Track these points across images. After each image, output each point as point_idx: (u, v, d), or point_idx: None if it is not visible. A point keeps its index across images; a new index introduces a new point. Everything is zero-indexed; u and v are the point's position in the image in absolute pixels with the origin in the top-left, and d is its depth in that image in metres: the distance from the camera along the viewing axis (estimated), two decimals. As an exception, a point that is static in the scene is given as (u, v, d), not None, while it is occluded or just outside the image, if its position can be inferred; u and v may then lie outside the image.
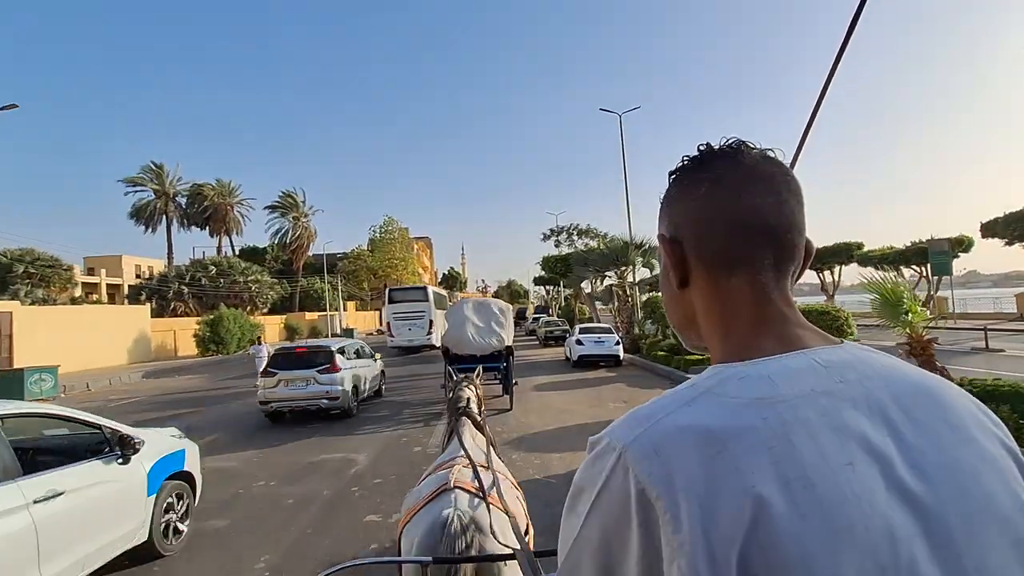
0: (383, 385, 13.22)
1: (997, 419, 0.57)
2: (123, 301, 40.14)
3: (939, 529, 0.46)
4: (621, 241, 20.27)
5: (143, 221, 47.41)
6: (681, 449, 0.48)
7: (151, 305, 34.16)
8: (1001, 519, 0.48)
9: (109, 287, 46.28)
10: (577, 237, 35.69)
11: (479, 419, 2.89)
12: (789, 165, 0.65)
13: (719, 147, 0.65)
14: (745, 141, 0.65)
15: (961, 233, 27.23)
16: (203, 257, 44.50)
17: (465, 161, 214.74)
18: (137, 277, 44.32)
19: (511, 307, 12.64)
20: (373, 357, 12.84)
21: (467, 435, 2.60)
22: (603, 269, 20.57)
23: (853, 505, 0.45)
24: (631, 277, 20.73)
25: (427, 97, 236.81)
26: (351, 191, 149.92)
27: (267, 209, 54.70)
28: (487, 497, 1.96)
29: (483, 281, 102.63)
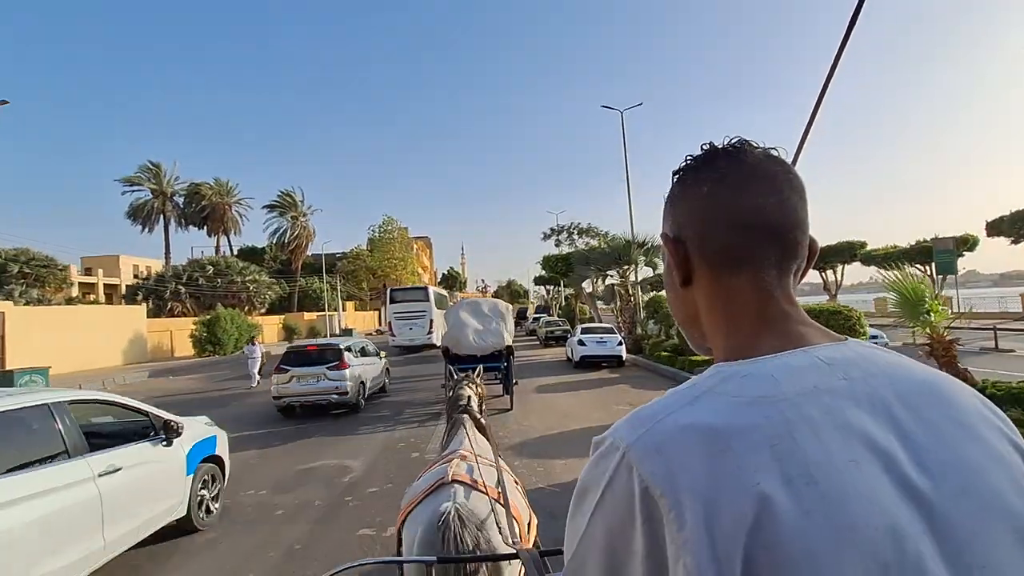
0: (388, 382, 13.54)
1: (1004, 416, 0.56)
2: (120, 301, 39.84)
3: (945, 526, 0.46)
4: (623, 239, 19.89)
5: (140, 221, 47.18)
6: (684, 448, 0.48)
7: (147, 305, 33.88)
8: (1008, 516, 0.48)
9: (106, 287, 45.99)
10: (578, 236, 35.47)
11: (479, 417, 2.84)
12: (791, 163, 0.65)
13: (722, 146, 0.65)
14: (748, 140, 0.65)
15: (966, 232, 27.04)
16: (201, 257, 44.20)
17: (465, 161, 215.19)
18: (135, 277, 43.90)
19: (511, 307, 12.80)
20: (378, 355, 13.13)
21: (468, 433, 2.59)
22: (605, 268, 20.22)
23: (857, 503, 0.45)
24: (633, 276, 20.42)
25: (427, 97, 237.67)
26: (351, 191, 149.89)
27: (265, 209, 54.38)
28: (487, 491, 1.93)
29: (483, 281, 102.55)
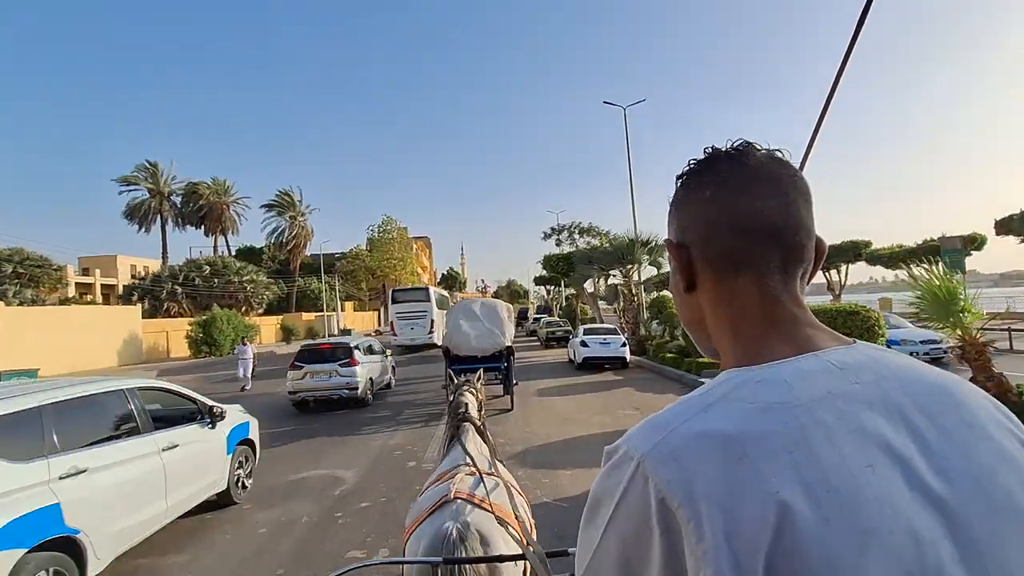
0: (393, 379, 14.14)
1: (1014, 417, 0.56)
2: (118, 302, 39.40)
3: (963, 530, 0.46)
4: (626, 238, 19.46)
5: (137, 220, 46.76)
6: (700, 456, 0.47)
7: (143, 306, 33.46)
8: (1021, 516, 0.47)
9: (104, 287, 45.56)
10: (578, 235, 35.04)
11: (480, 425, 2.80)
12: (798, 165, 0.63)
13: (724, 150, 0.64)
14: (751, 143, 0.64)
15: (974, 231, 26.60)
16: (198, 257, 43.75)
17: (465, 161, 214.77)
18: (133, 277, 43.48)
19: (511, 307, 12.68)
20: (384, 354, 13.75)
21: (469, 442, 2.54)
22: (608, 267, 19.79)
23: (876, 508, 0.44)
24: (637, 276, 19.99)
25: (427, 97, 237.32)
26: (351, 191, 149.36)
27: (263, 208, 53.95)
28: (492, 508, 1.90)
29: (483, 281, 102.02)
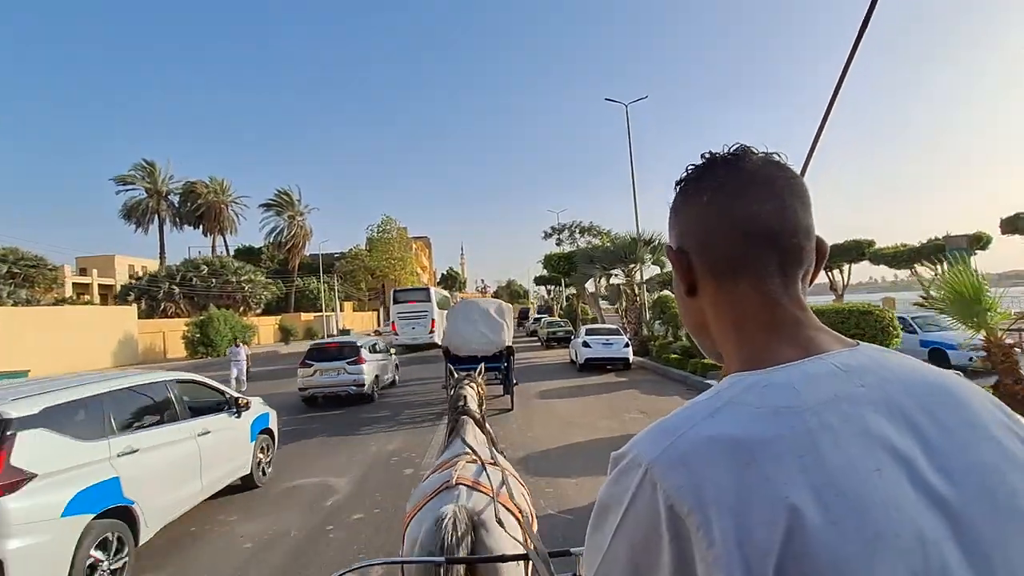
0: (397, 377, 14.66)
1: (1017, 416, 0.56)
2: (114, 302, 39.05)
3: (968, 531, 0.46)
4: (629, 237, 19.13)
5: (135, 220, 46.46)
6: (709, 461, 0.47)
7: (140, 306, 33.13)
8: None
9: (101, 287, 45.19)
10: (579, 235, 34.79)
11: (479, 418, 2.80)
12: (801, 169, 0.62)
13: (721, 154, 0.64)
14: (748, 147, 0.64)
15: (978, 230, 26.29)
16: (196, 257, 43.41)
17: (465, 161, 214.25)
18: (131, 277, 43.12)
19: (511, 307, 12.59)
20: (388, 352, 14.34)
21: (469, 433, 2.55)
22: (610, 266, 19.43)
23: (883, 511, 0.45)
24: (639, 275, 19.66)
25: (427, 97, 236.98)
26: (351, 191, 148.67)
27: (262, 207, 53.58)
28: (495, 495, 1.88)
29: (482, 281, 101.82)
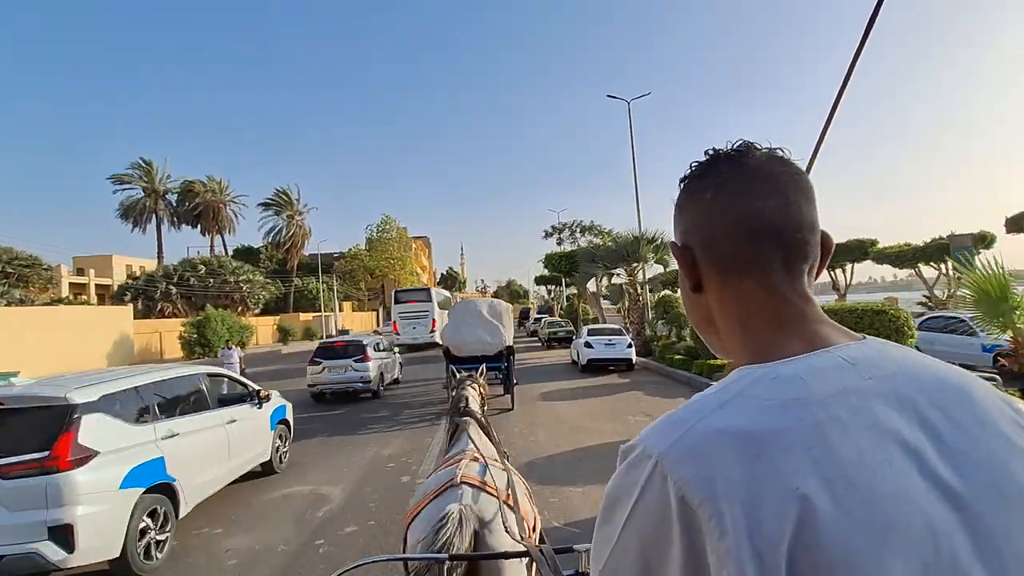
0: (400, 376, 15.33)
1: (1021, 409, 0.56)
2: (111, 302, 38.72)
3: (978, 523, 0.46)
4: (631, 235, 18.82)
5: (132, 220, 46.06)
6: (719, 453, 0.48)
7: (137, 306, 32.79)
8: None
9: (99, 288, 44.85)
10: (580, 234, 34.49)
11: (482, 418, 2.79)
12: (806, 166, 0.62)
13: (725, 151, 0.65)
14: (752, 143, 0.64)
15: (982, 229, 26.05)
16: (194, 256, 43.07)
17: (465, 161, 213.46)
18: (128, 277, 42.80)
19: (511, 307, 12.54)
20: (392, 351, 14.98)
21: (472, 433, 2.55)
22: (613, 265, 19.13)
23: (894, 503, 0.45)
24: (642, 274, 19.35)
25: (427, 97, 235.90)
26: (350, 191, 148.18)
27: (260, 206, 53.21)
28: (498, 494, 1.87)
29: (482, 281, 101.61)
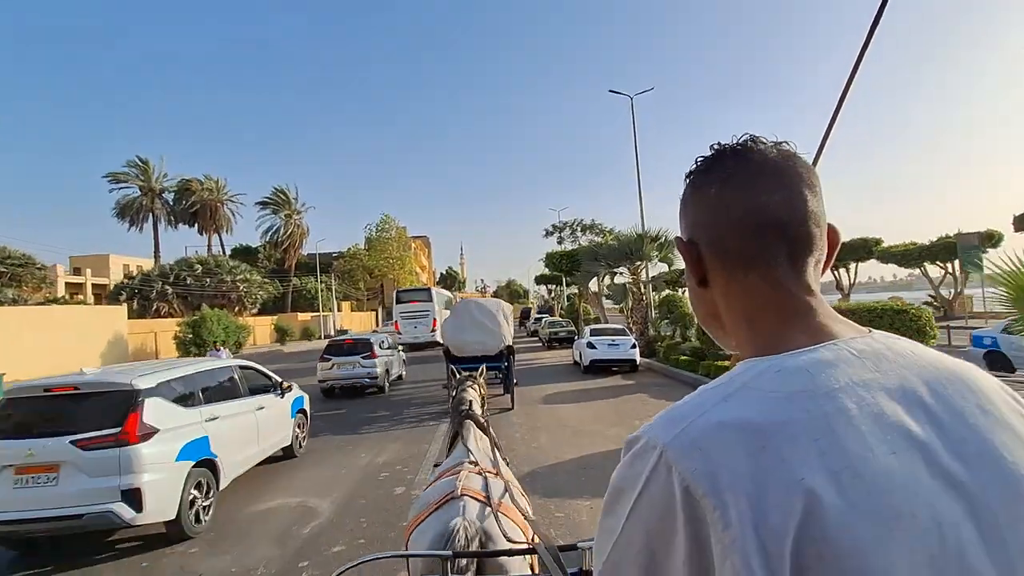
0: (404, 373, 15.80)
1: None
2: (107, 302, 38.30)
3: (984, 514, 0.46)
4: (634, 233, 18.39)
5: (128, 219, 45.64)
6: (724, 445, 0.48)
7: (132, 306, 32.37)
8: None
9: (95, 287, 44.39)
10: (581, 233, 34.03)
11: (483, 422, 2.77)
12: (812, 162, 0.61)
13: (730, 146, 0.64)
14: (757, 137, 0.64)
15: (988, 228, 25.67)
16: (191, 256, 42.62)
17: (465, 161, 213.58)
18: (125, 277, 42.35)
19: (511, 306, 12.43)
20: (396, 349, 15.53)
21: (471, 439, 2.50)
22: (615, 264, 18.69)
23: (901, 494, 0.45)
24: (645, 273, 18.94)
25: (427, 97, 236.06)
26: (350, 191, 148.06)
27: (258, 205, 52.78)
28: (496, 507, 1.83)
29: (482, 281, 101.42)
